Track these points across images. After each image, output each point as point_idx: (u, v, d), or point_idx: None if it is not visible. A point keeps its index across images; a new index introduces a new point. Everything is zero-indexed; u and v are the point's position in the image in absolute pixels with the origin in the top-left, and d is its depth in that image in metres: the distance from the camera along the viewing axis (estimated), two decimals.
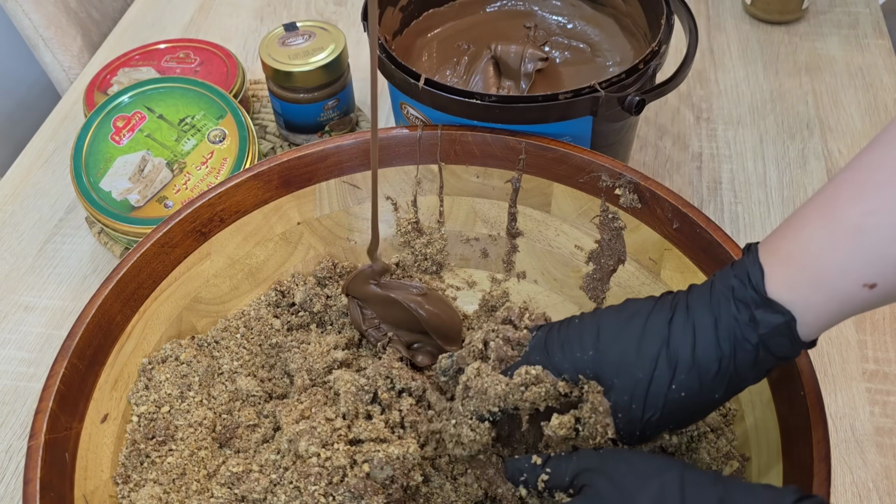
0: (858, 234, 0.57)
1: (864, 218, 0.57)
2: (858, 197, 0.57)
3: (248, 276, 0.95)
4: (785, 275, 0.61)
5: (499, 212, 0.99)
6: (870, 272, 0.57)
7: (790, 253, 0.61)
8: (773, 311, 0.61)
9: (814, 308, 0.60)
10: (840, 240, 0.58)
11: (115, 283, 0.83)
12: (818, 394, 0.73)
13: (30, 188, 1.26)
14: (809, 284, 0.60)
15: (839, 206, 0.58)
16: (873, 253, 0.57)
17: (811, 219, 0.60)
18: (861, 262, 0.57)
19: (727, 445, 0.80)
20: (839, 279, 0.58)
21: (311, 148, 0.95)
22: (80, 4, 1.60)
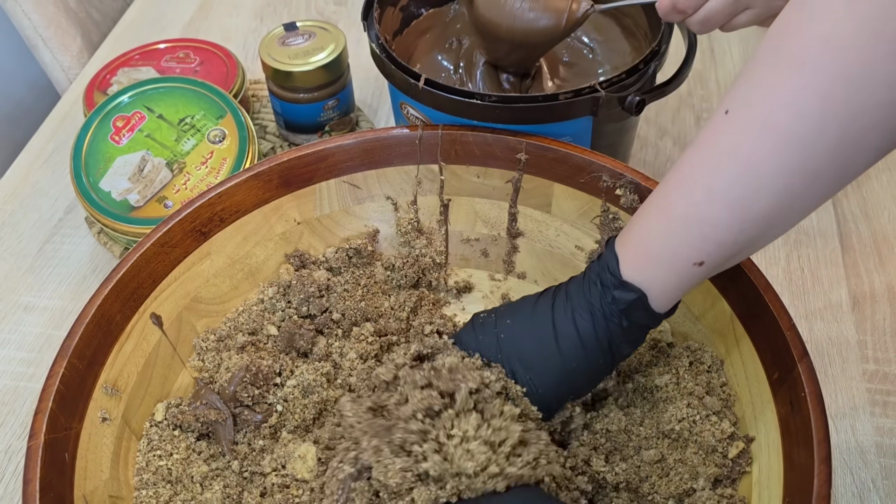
0: (685, 223, 0.68)
1: (689, 209, 0.67)
2: (683, 193, 0.68)
3: (248, 275, 0.95)
4: (634, 260, 0.73)
5: (499, 212, 0.99)
6: (697, 254, 0.68)
7: (637, 242, 0.73)
8: (627, 290, 0.73)
9: (658, 285, 0.72)
10: (672, 229, 0.69)
11: (115, 283, 0.83)
12: (819, 395, 0.73)
13: (29, 188, 1.26)
14: (653, 267, 0.72)
15: (670, 201, 0.69)
16: (698, 237, 0.68)
17: (651, 213, 0.72)
18: (690, 246, 0.68)
19: (731, 427, 0.81)
20: (675, 261, 0.70)
21: (311, 148, 0.95)
22: (80, 4, 1.60)
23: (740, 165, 0.64)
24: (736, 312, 0.84)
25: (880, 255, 1.11)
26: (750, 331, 0.82)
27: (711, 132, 0.67)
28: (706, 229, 0.67)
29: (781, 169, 0.62)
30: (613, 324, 0.74)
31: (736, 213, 0.65)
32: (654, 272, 0.72)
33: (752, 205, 0.64)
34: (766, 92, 0.63)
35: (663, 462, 0.81)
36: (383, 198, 1.00)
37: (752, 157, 0.63)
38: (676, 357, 0.87)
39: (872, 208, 1.16)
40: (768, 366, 0.80)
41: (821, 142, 0.60)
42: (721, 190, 0.65)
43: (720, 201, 0.65)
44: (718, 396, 0.84)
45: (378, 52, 1.00)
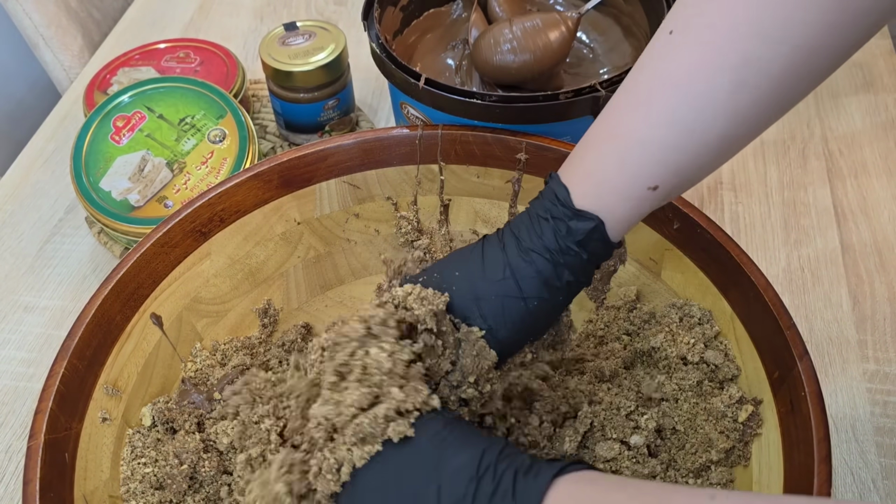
0: (642, 147, 0.67)
1: (646, 131, 0.66)
2: (640, 116, 0.67)
3: (249, 275, 0.95)
4: (587, 189, 0.70)
5: (499, 212, 0.99)
6: (653, 177, 0.67)
7: (588, 170, 0.70)
8: (583, 219, 0.70)
9: (614, 212, 0.69)
10: (628, 153, 0.67)
11: (115, 283, 0.83)
12: (819, 394, 0.73)
13: (29, 188, 1.26)
14: (608, 193, 0.69)
15: (623, 124, 0.68)
16: (654, 161, 0.67)
17: (601, 139, 0.70)
18: (645, 170, 0.67)
19: (738, 392, 0.81)
20: (630, 186, 0.68)
21: (311, 148, 0.95)
22: (81, 4, 1.60)
23: (695, 89, 0.64)
24: (736, 312, 0.84)
25: (880, 255, 1.11)
26: (750, 330, 0.82)
27: (659, 55, 0.67)
28: (663, 153, 0.66)
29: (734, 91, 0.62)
30: (571, 257, 0.71)
31: (689, 136, 0.65)
32: (609, 198, 0.69)
33: (707, 128, 0.64)
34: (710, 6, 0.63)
35: (676, 433, 0.81)
36: (383, 198, 0.99)
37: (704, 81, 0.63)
38: (665, 315, 0.88)
39: (872, 208, 1.16)
40: (768, 365, 0.80)
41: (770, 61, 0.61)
42: (677, 114, 0.65)
43: (677, 124, 0.65)
44: (717, 349, 0.85)
45: (378, 51, 1.00)
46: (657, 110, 0.66)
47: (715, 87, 0.63)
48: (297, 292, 0.99)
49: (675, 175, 0.67)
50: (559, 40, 1.02)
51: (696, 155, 0.66)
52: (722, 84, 0.62)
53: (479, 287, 0.74)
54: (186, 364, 0.90)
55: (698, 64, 0.63)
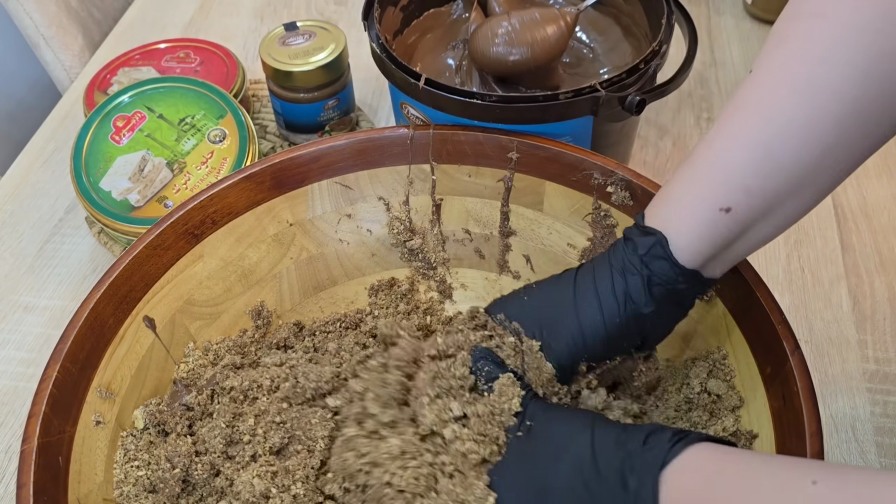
0: (711, 168, 0.69)
1: (717, 154, 0.69)
2: (708, 144, 0.70)
3: (242, 277, 0.95)
4: (657, 209, 0.73)
5: (491, 211, 0.99)
6: (723, 197, 0.68)
7: (663, 194, 0.73)
8: (648, 233, 0.72)
9: (682, 231, 0.70)
10: (698, 175, 0.70)
11: (107, 286, 0.83)
12: (811, 388, 0.73)
13: (29, 188, 1.26)
14: (676, 212, 0.71)
15: (698, 154, 0.71)
16: (723, 181, 0.68)
17: (679, 170, 0.73)
18: (714, 189, 0.68)
19: (733, 425, 0.81)
20: (698, 204, 0.69)
21: (302, 149, 0.95)
22: (82, 3, 1.60)
23: (763, 112, 0.65)
24: (728, 308, 0.83)
25: (880, 255, 1.10)
26: (742, 326, 0.82)
27: (739, 93, 0.69)
28: (732, 172, 0.67)
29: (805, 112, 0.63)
30: (632, 275, 0.73)
31: (761, 156, 0.66)
32: (676, 216, 0.71)
33: (777, 147, 0.65)
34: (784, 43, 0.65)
35: None
36: (375, 198, 0.99)
37: (773, 103, 0.65)
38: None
39: (872, 208, 1.16)
40: (760, 361, 0.79)
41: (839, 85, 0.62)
42: (748, 134, 0.66)
43: (747, 144, 0.66)
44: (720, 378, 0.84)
45: (378, 51, 1.00)
46: (729, 133, 0.68)
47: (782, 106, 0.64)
48: (289, 293, 0.99)
49: (748, 196, 0.67)
50: (556, 35, 1.02)
51: (768, 177, 0.66)
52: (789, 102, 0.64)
53: (545, 300, 0.79)
54: (179, 365, 0.90)
55: (769, 87, 0.65)
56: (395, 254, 1.01)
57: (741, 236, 0.70)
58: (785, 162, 0.65)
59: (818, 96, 0.63)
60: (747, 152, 0.66)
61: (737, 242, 0.71)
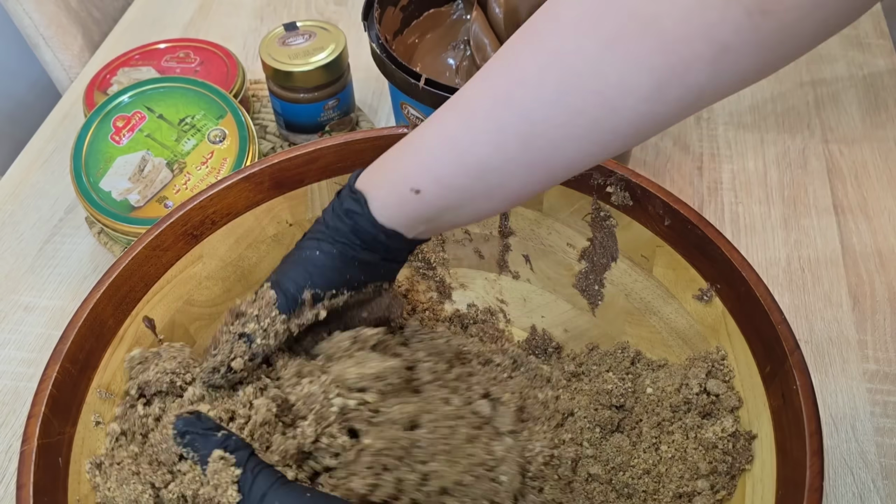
0: (415, 151, 0.71)
1: (415, 136, 0.72)
2: (423, 127, 0.72)
3: (241, 278, 0.95)
4: (368, 172, 0.76)
5: None
6: (414, 179, 0.71)
7: (378, 161, 0.76)
8: (352, 193, 0.76)
9: (379, 197, 0.74)
10: (403, 153, 0.73)
11: (107, 286, 0.83)
12: (810, 387, 0.73)
13: (30, 188, 1.26)
14: (377, 180, 0.75)
15: (416, 131, 0.73)
16: (418, 165, 0.71)
17: (399, 142, 0.75)
18: (410, 170, 0.71)
19: (732, 425, 0.81)
20: (395, 179, 0.73)
21: (302, 149, 0.95)
22: (81, 3, 1.60)
23: (464, 114, 0.68)
24: (728, 308, 0.83)
25: (880, 255, 1.10)
26: (741, 326, 0.82)
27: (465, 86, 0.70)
28: (427, 160, 0.70)
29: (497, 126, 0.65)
30: (341, 221, 0.77)
31: (453, 153, 0.68)
32: (376, 185, 0.75)
33: (466, 150, 0.67)
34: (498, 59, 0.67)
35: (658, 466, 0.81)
36: None
37: (473, 108, 0.67)
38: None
39: (872, 208, 1.16)
40: (760, 360, 0.79)
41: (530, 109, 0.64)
42: (445, 127, 0.69)
43: (444, 138, 0.69)
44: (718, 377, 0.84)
45: (378, 51, 1.00)
46: (436, 121, 0.70)
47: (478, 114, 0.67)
48: None
49: (438, 186, 0.70)
50: None
51: (456, 174, 0.69)
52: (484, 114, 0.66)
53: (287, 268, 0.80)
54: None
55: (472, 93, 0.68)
56: None
57: (437, 216, 0.73)
58: (472, 164, 0.68)
59: (509, 115, 0.65)
60: (443, 144, 0.69)
61: (435, 220, 0.74)
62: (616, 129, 0.63)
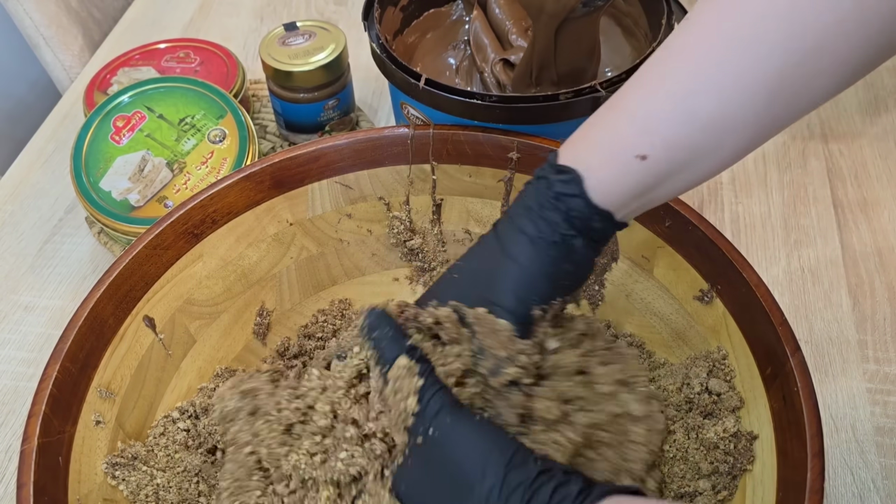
0: (632, 115, 0.66)
1: (638, 101, 0.66)
2: (631, 89, 0.68)
3: (241, 277, 0.95)
4: (573, 149, 0.70)
5: (492, 211, 0.99)
6: (640, 145, 0.65)
7: (579, 135, 0.71)
8: (562, 172, 0.69)
9: (595, 171, 0.68)
10: (617, 119, 0.68)
11: (107, 286, 0.83)
12: (811, 389, 0.73)
13: (30, 188, 1.26)
14: (591, 153, 0.69)
15: (621, 96, 0.68)
16: (643, 129, 0.65)
17: (600, 111, 0.70)
18: (633, 136, 0.66)
19: (733, 425, 0.81)
20: (614, 148, 0.67)
21: (302, 148, 0.95)
22: (81, 3, 1.60)
23: (689, 62, 0.63)
24: (728, 309, 0.83)
25: (880, 255, 1.10)
26: (742, 327, 0.82)
27: (672, 36, 0.66)
28: (652, 120, 0.65)
29: (726, 70, 0.62)
30: (550, 210, 0.70)
31: (683, 108, 0.64)
32: (591, 158, 0.69)
33: (702, 102, 0.63)
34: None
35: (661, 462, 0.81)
36: (375, 198, 0.99)
37: (700, 54, 0.63)
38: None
39: (872, 208, 1.16)
40: (761, 361, 0.79)
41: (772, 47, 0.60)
42: (673, 84, 0.64)
43: (670, 94, 0.64)
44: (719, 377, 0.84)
45: (378, 51, 1.00)
46: (651, 81, 0.66)
47: (711, 61, 0.62)
48: (289, 293, 0.99)
49: (667, 150, 0.65)
50: None
51: (687, 132, 0.64)
52: (718, 61, 0.62)
53: (476, 268, 0.74)
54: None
55: (700, 38, 0.63)
56: (396, 254, 1.02)
57: (657, 185, 0.68)
58: (706, 117, 0.64)
59: (752, 51, 0.61)
60: (669, 102, 0.64)
61: (653, 191, 0.69)
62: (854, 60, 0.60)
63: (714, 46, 0.62)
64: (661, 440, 0.80)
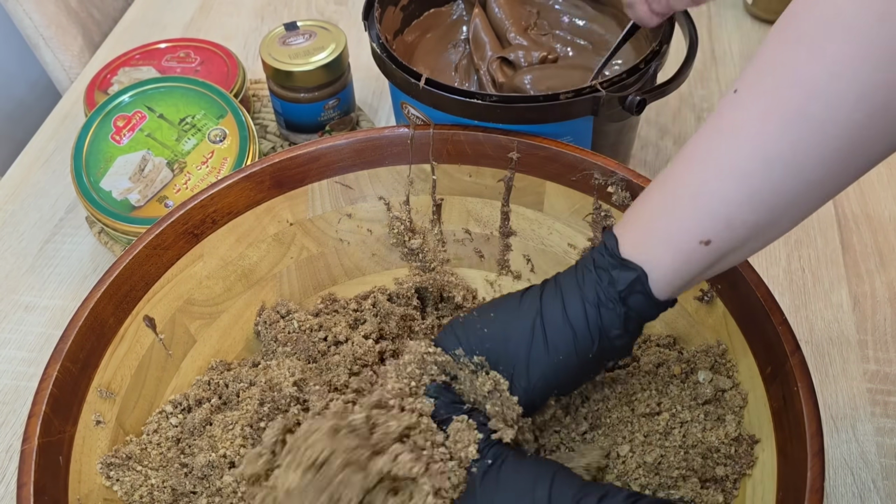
0: (692, 198, 0.65)
1: (697, 185, 0.64)
2: (691, 168, 0.65)
3: (242, 277, 0.95)
4: (634, 238, 0.69)
5: (492, 211, 0.99)
6: (703, 231, 0.64)
7: (638, 221, 0.69)
8: (627, 268, 0.68)
9: (661, 264, 0.67)
10: (678, 204, 0.66)
11: (107, 286, 0.83)
12: (811, 389, 0.73)
13: (30, 188, 1.26)
14: (655, 244, 0.68)
15: (675, 178, 0.67)
16: (706, 213, 0.64)
17: (654, 193, 0.69)
18: (696, 222, 0.65)
19: (735, 430, 0.81)
20: (679, 237, 0.66)
21: (302, 148, 0.95)
22: (81, 4, 1.60)
23: (752, 141, 0.61)
24: (728, 308, 0.83)
25: (881, 255, 1.10)
26: (742, 327, 0.82)
27: (720, 113, 0.65)
28: (715, 204, 0.63)
29: (793, 146, 0.60)
30: (608, 310, 0.70)
31: (745, 189, 0.62)
32: (656, 250, 0.67)
33: (763, 182, 0.61)
34: (776, 69, 0.61)
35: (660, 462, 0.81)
36: (375, 198, 0.99)
37: (762, 133, 0.61)
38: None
39: (873, 208, 1.16)
40: (761, 361, 0.79)
41: (831, 121, 0.58)
42: (732, 165, 0.62)
43: (731, 176, 0.62)
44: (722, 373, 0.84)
45: (379, 51, 1.00)
46: (712, 161, 0.64)
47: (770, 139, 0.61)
48: (290, 293, 0.99)
49: (730, 230, 0.64)
50: None
51: (751, 210, 0.63)
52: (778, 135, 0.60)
53: (510, 332, 0.74)
54: None
55: (756, 115, 0.61)
56: (396, 253, 1.02)
57: (715, 265, 0.68)
58: (768, 195, 0.62)
59: (807, 131, 0.59)
60: (732, 184, 0.63)
61: (708, 271, 0.68)
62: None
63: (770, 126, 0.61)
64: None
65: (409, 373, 0.75)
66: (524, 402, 0.73)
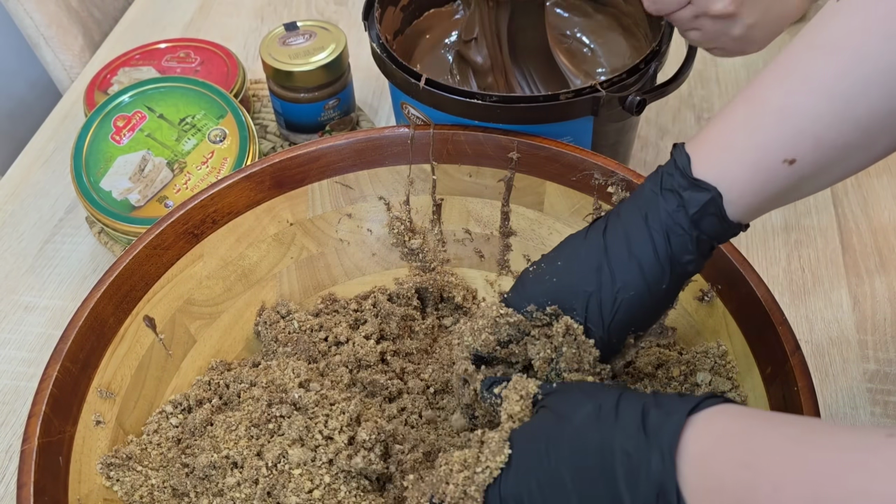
0: (780, 114, 0.61)
1: (786, 98, 0.61)
2: (781, 82, 0.62)
3: (242, 277, 0.95)
4: (710, 156, 0.64)
5: (492, 211, 0.99)
6: (790, 148, 0.61)
7: (716, 137, 0.65)
8: (700, 189, 0.64)
9: (738, 184, 0.63)
10: (763, 120, 0.62)
11: (108, 286, 0.83)
12: (811, 389, 0.73)
13: (30, 188, 1.26)
14: (734, 161, 0.63)
15: (762, 91, 0.63)
16: (793, 130, 0.61)
17: (737, 107, 0.65)
18: (782, 139, 0.61)
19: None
20: (762, 155, 0.62)
21: (302, 148, 0.95)
22: (82, 3, 1.60)
23: (847, 56, 0.58)
24: (728, 308, 0.84)
25: (881, 255, 1.10)
26: (742, 327, 0.82)
27: (815, 25, 0.62)
28: (804, 121, 0.60)
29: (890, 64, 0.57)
30: (678, 236, 0.65)
31: (839, 108, 0.59)
32: (734, 167, 0.63)
33: (857, 102, 0.59)
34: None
35: None
36: (376, 198, 1.00)
37: (863, 47, 0.58)
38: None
39: (873, 208, 1.16)
40: (761, 361, 0.80)
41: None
42: (825, 80, 0.59)
43: (823, 92, 0.59)
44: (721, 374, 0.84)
45: (379, 51, 1.00)
46: (801, 76, 0.61)
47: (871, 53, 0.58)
48: (290, 293, 0.99)
49: (817, 150, 0.61)
50: None
51: (841, 131, 0.60)
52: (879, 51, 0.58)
53: (578, 280, 0.70)
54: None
55: (856, 28, 0.59)
56: (396, 253, 1.02)
57: (797, 188, 0.64)
58: (863, 113, 0.59)
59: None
60: (824, 100, 0.59)
61: (790, 194, 0.65)
62: None
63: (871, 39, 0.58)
64: None
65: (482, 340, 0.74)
66: (601, 345, 0.70)
